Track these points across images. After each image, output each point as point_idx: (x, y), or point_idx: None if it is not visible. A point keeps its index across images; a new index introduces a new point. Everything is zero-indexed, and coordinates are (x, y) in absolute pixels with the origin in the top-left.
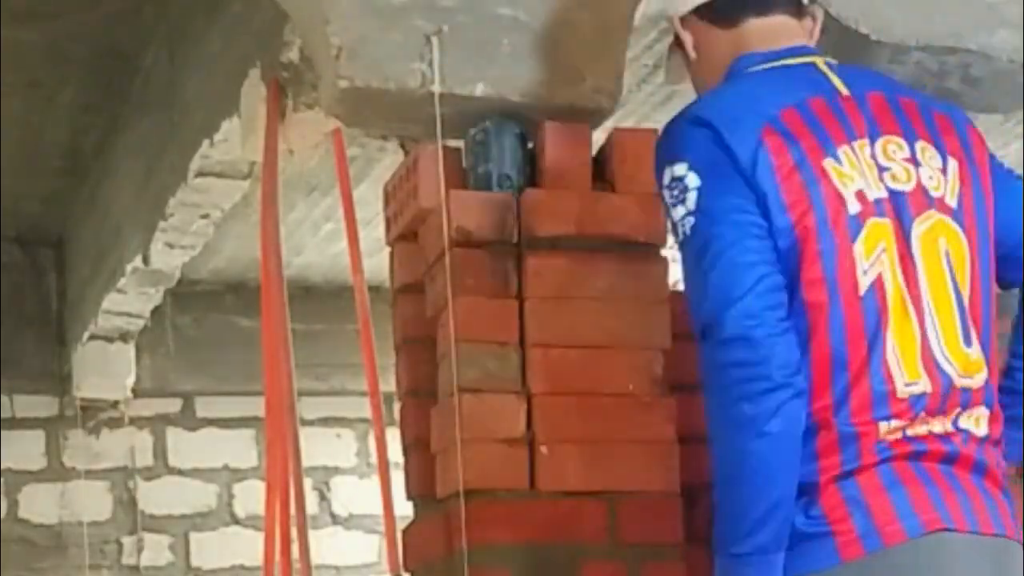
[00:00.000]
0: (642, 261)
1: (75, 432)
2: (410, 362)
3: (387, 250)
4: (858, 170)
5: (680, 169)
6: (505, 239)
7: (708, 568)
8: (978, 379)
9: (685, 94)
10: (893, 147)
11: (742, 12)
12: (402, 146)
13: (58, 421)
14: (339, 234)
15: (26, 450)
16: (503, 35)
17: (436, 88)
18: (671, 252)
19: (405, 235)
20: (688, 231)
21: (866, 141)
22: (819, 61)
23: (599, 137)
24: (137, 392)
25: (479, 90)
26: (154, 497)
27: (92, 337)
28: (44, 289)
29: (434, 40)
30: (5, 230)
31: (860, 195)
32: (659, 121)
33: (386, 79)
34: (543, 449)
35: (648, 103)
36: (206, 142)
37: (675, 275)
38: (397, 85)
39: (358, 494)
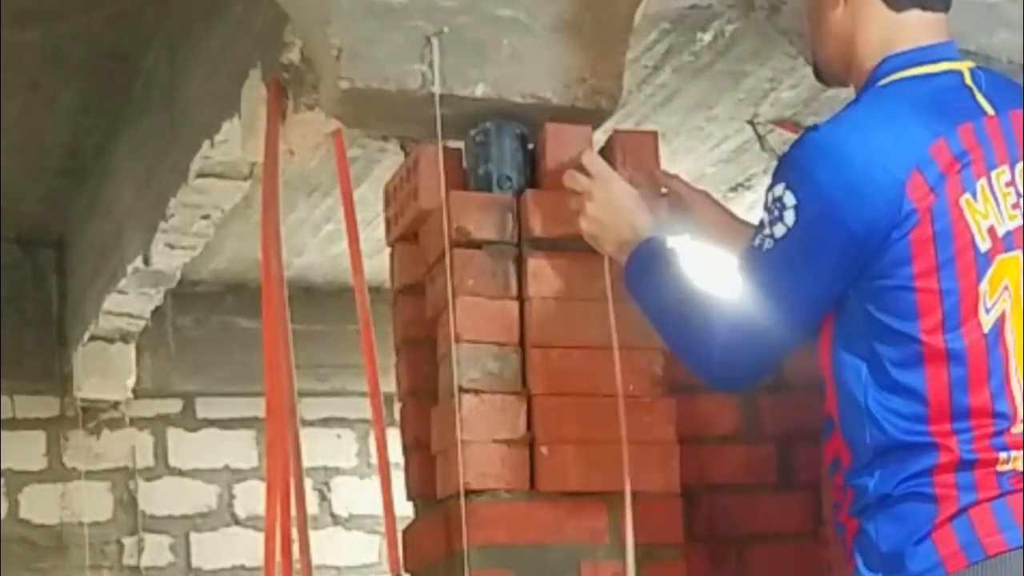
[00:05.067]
0: None
1: (76, 432)
2: (410, 362)
3: (387, 251)
4: (991, 204)
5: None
6: (505, 240)
7: (708, 568)
8: None
9: (686, 96)
10: (1005, 178)
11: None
12: (402, 147)
13: (59, 421)
14: (340, 235)
15: (27, 450)
16: (503, 36)
17: (436, 89)
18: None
19: (405, 236)
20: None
21: (1006, 168)
22: (964, 71)
23: (599, 138)
24: (138, 393)
25: (479, 91)
26: (155, 497)
27: (93, 338)
28: (45, 290)
29: (434, 41)
30: (6, 231)
31: (991, 231)
32: (660, 122)
33: (386, 80)
34: (543, 449)
35: (648, 104)
36: (207, 143)
37: None
38: (397, 86)
39: (358, 494)
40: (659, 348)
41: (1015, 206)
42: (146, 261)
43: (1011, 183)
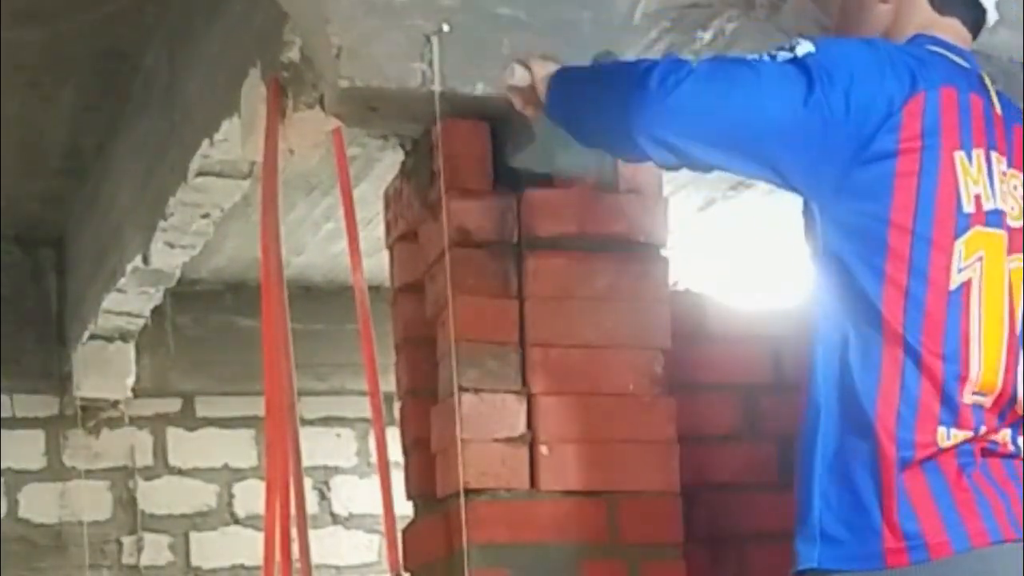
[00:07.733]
0: (642, 261)
1: (75, 432)
2: (410, 362)
3: (387, 250)
4: (983, 176)
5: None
6: (505, 239)
7: (708, 568)
8: None
9: None
10: (1016, 183)
11: (953, 6)
12: (402, 145)
13: (58, 421)
14: (339, 234)
15: (26, 450)
16: (503, 34)
17: (436, 87)
18: (671, 252)
19: (405, 235)
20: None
21: (1004, 159)
22: (985, 76)
23: None
24: (137, 392)
25: (479, 89)
26: (154, 497)
27: (92, 337)
28: (44, 289)
29: (434, 39)
30: (5, 230)
31: (977, 199)
32: None
33: (386, 78)
34: (543, 449)
35: None
36: (206, 141)
37: (675, 275)
38: (397, 84)
39: (358, 494)
40: (659, 348)
41: (998, 195)
42: (145, 260)
43: (1003, 175)
